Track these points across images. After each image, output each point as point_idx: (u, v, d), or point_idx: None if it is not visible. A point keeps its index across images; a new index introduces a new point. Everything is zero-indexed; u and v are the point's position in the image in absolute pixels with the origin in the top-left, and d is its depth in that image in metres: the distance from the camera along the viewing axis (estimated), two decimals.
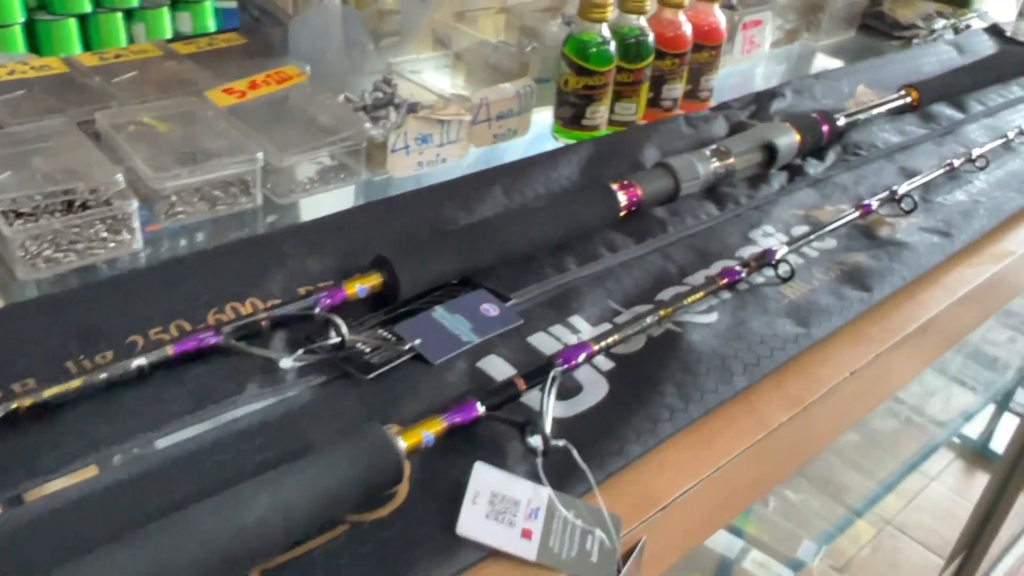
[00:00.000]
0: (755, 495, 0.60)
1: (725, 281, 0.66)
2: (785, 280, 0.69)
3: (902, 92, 1.03)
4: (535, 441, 0.49)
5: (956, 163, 0.90)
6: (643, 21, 0.89)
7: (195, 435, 0.51)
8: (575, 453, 0.48)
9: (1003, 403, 2.39)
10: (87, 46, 1.36)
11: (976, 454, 2.58)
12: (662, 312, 0.61)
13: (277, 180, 0.75)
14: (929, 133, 1.00)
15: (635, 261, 0.71)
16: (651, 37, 0.89)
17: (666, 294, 0.67)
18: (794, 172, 0.88)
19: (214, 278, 0.61)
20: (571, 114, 0.88)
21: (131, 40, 1.48)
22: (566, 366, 0.55)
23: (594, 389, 0.57)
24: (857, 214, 0.78)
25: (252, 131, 0.75)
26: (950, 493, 2.52)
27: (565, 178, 0.81)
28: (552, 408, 0.51)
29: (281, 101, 0.81)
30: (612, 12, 0.86)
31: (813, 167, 0.89)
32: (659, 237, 0.74)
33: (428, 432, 0.49)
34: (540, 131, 0.94)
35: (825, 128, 0.91)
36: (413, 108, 0.86)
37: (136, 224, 0.67)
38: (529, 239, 0.69)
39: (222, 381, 0.53)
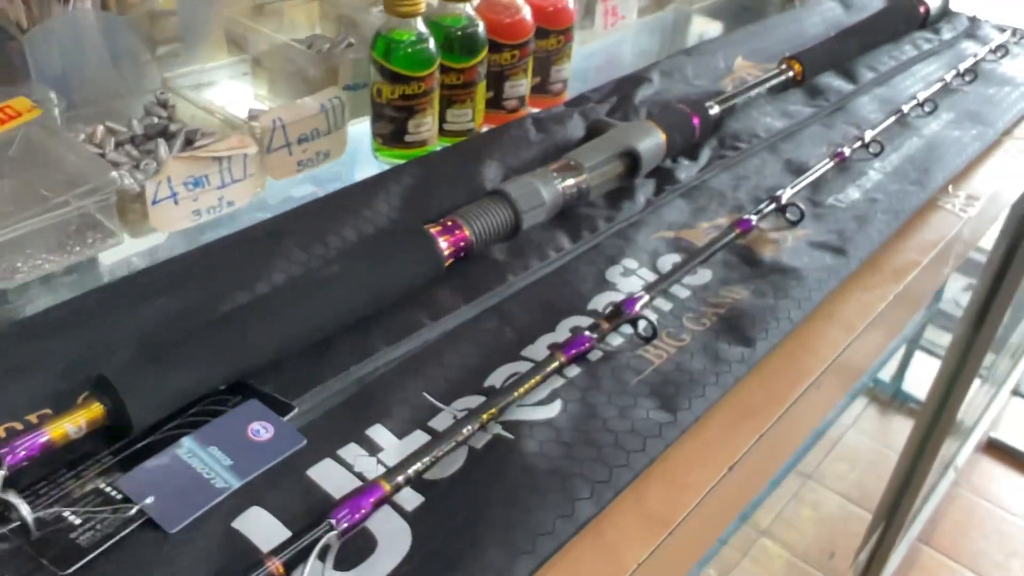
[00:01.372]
0: None
1: (570, 355, 0.52)
2: (647, 340, 0.55)
3: (783, 66, 0.90)
4: None
5: (847, 151, 0.77)
6: (469, 9, 0.73)
7: None
8: None
9: (914, 342, 2.36)
10: None
11: (890, 396, 2.56)
12: (484, 416, 0.47)
13: None
14: (816, 112, 0.88)
15: (464, 328, 0.57)
16: (481, 27, 0.74)
17: (498, 376, 0.53)
18: (663, 179, 0.74)
19: None
20: (390, 130, 0.72)
21: None
22: (347, 524, 0.41)
23: (393, 543, 0.42)
24: (734, 234, 0.65)
25: None
26: (867, 440, 2.50)
27: (385, 216, 0.65)
28: None
29: (5, 147, 0.63)
30: (428, 2, 0.70)
31: (685, 170, 0.75)
32: (495, 290, 0.60)
33: None
34: (362, 146, 0.79)
35: (696, 121, 0.77)
36: (192, 137, 0.69)
37: None
38: (321, 319, 0.53)
39: None
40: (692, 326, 0.58)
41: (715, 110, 0.80)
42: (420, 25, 0.70)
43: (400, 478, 0.43)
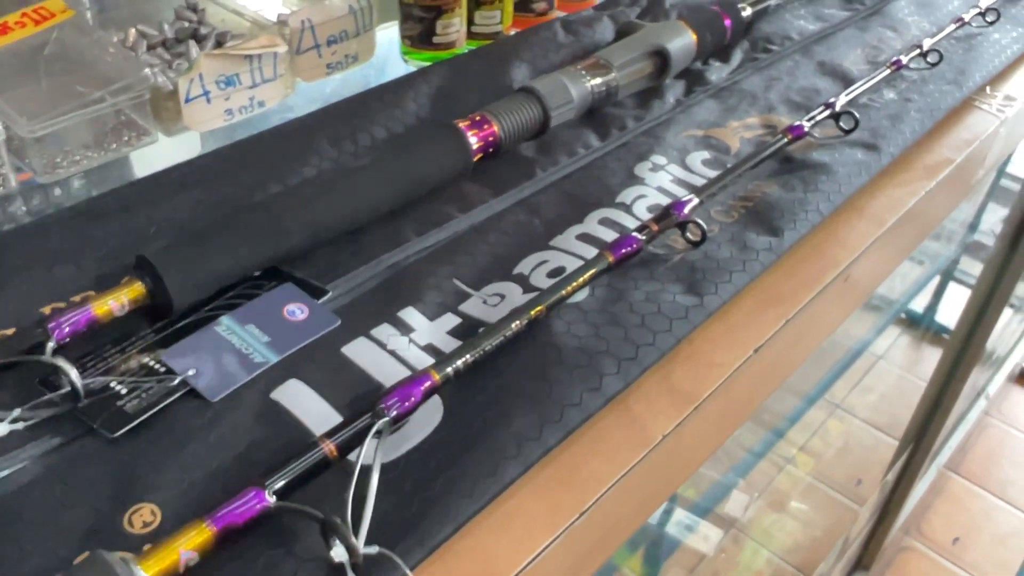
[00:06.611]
0: (635, 524, 0.48)
1: (619, 255, 0.51)
2: (696, 244, 0.54)
3: None
4: (339, 553, 0.36)
5: (904, 59, 0.75)
6: None
7: None
8: (398, 561, 0.36)
9: (948, 273, 2.32)
10: None
11: (922, 327, 2.53)
12: (532, 312, 0.47)
13: (36, 153, 0.59)
14: (851, 16, 0.86)
15: (493, 221, 0.57)
16: None
17: (526, 264, 0.53)
18: (693, 80, 0.73)
19: None
20: (418, 31, 0.72)
21: None
22: (396, 412, 0.41)
23: (425, 414, 0.43)
24: (784, 140, 0.63)
25: None
26: (898, 370, 2.48)
27: (413, 115, 0.66)
28: (373, 496, 0.37)
29: (39, 49, 0.64)
30: None
31: (716, 72, 0.74)
32: (524, 185, 0.60)
33: (188, 550, 0.35)
34: (390, 51, 0.78)
35: (727, 22, 0.76)
36: (222, 40, 0.69)
37: None
38: (352, 208, 0.54)
39: None
40: (721, 218, 0.58)
41: (747, 12, 0.78)
42: None
43: (449, 369, 0.43)
